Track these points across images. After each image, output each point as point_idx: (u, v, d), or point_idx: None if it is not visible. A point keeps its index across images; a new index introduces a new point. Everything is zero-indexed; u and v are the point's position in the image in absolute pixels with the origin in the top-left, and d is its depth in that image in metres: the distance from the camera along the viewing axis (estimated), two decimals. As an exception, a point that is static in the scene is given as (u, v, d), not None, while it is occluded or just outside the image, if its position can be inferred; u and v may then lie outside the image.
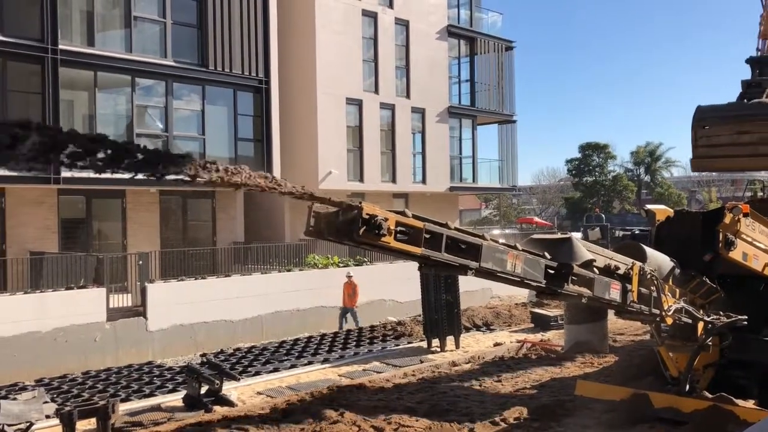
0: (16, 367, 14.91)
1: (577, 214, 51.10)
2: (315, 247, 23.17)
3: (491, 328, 17.10)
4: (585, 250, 6.66)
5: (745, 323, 8.12)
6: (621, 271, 6.91)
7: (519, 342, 14.35)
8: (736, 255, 7.88)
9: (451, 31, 31.92)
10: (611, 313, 10.63)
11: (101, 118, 21.01)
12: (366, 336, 16.40)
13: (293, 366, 13.45)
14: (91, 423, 8.31)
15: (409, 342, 15.40)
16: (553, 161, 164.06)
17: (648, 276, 7.06)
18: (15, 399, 9.39)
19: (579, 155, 57.60)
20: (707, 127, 10.03)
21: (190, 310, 18.62)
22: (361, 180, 27.87)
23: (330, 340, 16.24)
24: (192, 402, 9.80)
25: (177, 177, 3.66)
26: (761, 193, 17.97)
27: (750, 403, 8.05)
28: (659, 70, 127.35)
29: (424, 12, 30.43)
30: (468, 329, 16.39)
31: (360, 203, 4.87)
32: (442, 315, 14.18)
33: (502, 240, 6.10)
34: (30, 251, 19.06)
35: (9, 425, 7.96)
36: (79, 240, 20.84)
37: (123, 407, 9.51)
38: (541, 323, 16.45)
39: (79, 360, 15.96)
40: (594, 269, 6.61)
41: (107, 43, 21.11)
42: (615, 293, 6.79)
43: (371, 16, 28.28)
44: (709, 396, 8.04)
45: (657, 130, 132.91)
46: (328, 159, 26.47)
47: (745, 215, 7.92)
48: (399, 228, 5.08)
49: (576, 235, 7.88)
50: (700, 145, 10.16)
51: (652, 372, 9.24)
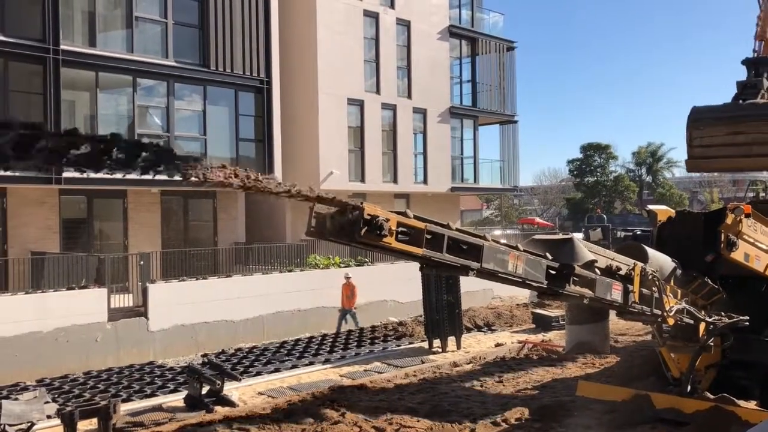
0: (17, 368, 14.91)
1: (579, 214, 51.01)
2: (316, 248, 23.17)
3: (492, 328, 17.11)
4: (586, 250, 6.66)
5: (747, 324, 8.12)
6: (622, 272, 6.91)
7: (520, 342, 14.35)
8: (737, 256, 7.88)
9: (453, 32, 31.89)
10: (613, 314, 10.61)
11: (103, 118, 21.00)
12: (367, 336, 16.42)
13: (294, 366, 13.47)
14: (93, 423, 8.34)
15: (411, 342, 15.41)
16: (555, 161, 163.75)
17: (650, 277, 7.06)
18: (16, 399, 9.39)
19: (580, 155, 57.50)
20: (702, 128, 10.05)
21: (191, 310, 18.62)
22: (363, 180, 27.85)
23: (331, 340, 16.27)
24: (193, 402, 9.81)
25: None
26: (763, 194, 17.92)
27: (752, 404, 8.06)
28: (659, 70, 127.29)
29: (425, 12, 30.40)
30: (469, 330, 16.41)
31: (361, 204, 4.85)
32: (443, 315, 14.19)
33: (503, 241, 6.10)
34: (31, 251, 19.07)
35: (10, 425, 7.97)
36: (81, 240, 20.84)
37: (124, 407, 9.52)
38: (543, 324, 16.46)
39: (81, 360, 15.96)
40: (595, 270, 6.60)
41: (109, 44, 21.12)
42: (616, 294, 6.79)
43: (372, 16, 28.26)
44: (711, 397, 8.04)
45: (657, 130, 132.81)
46: (329, 159, 26.47)
47: (747, 216, 7.92)
48: (400, 229, 5.07)
49: (577, 236, 7.87)
50: (695, 146, 10.19)
51: (653, 373, 9.25)
